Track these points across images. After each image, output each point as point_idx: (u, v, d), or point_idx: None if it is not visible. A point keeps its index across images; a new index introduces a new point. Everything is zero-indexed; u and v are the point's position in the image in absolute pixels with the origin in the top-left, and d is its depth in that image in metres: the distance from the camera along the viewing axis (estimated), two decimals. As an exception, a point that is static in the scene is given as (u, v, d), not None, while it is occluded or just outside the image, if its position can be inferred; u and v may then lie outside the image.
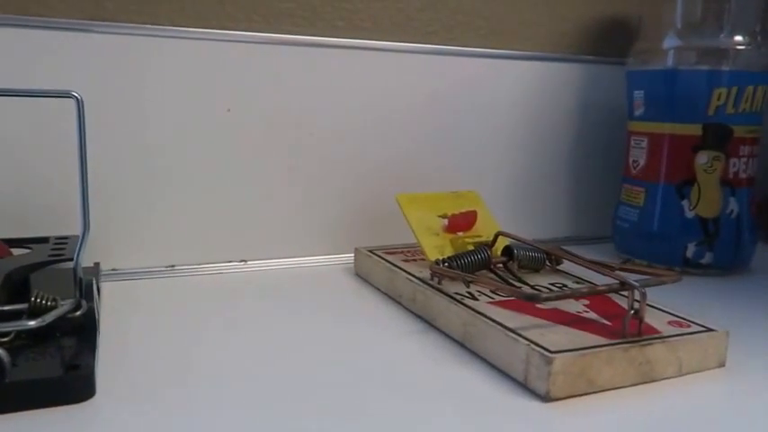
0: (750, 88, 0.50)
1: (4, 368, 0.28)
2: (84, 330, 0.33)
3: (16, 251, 0.39)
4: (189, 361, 0.33)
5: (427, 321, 0.40)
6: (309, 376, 0.32)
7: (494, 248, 0.45)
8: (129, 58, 0.46)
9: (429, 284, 0.40)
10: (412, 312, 0.41)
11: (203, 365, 0.33)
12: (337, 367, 0.33)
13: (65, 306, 0.32)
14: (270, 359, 0.34)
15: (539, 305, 0.36)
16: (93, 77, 0.45)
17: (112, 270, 0.47)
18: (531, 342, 0.31)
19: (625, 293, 0.34)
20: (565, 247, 0.45)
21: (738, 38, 0.50)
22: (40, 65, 0.44)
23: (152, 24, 0.47)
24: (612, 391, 0.31)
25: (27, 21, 0.43)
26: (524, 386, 0.31)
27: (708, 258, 0.52)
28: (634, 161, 0.56)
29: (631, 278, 0.34)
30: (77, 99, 0.33)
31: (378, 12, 0.54)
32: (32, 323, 0.30)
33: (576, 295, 0.35)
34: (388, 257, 0.47)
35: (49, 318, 0.30)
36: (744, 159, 0.52)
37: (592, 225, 0.65)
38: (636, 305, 0.33)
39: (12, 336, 0.31)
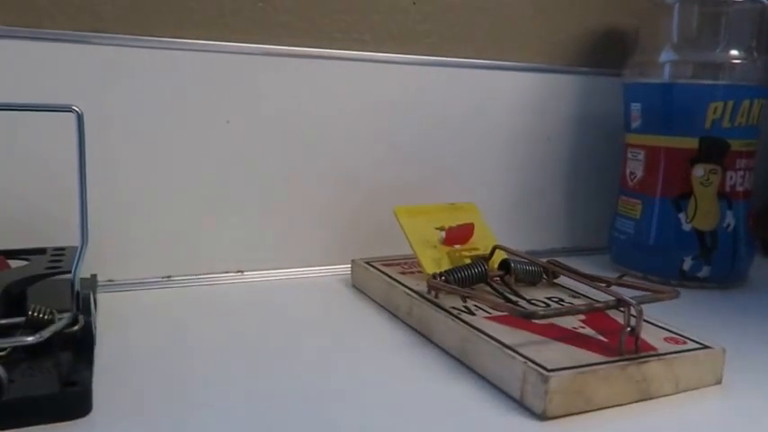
0: (746, 102, 0.51)
1: (2, 386, 0.27)
2: (80, 345, 0.33)
3: (14, 263, 0.39)
4: (186, 375, 0.33)
5: (424, 335, 0.40)
6: (304, 389, 0.32)
7: (491, 261, 0.45)
8: (128, 70, 0.46)
9: (426, 298, 0.40)
10: (408, 326, 0.41)
11: (200, 379, 0.33)
12: (332, 380, 0.33)
13: (62, 321, 0.32)
14: (266, 372, 0.34)
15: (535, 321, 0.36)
16: (90, 89, 0.45)
17: (109, 281, 0.47)
18: (528, 359, 0.31)
19: (622, 310, 0.34)
20: (561, 259, 0.45)
21: (734, 52, 0.50)
22: (37, 77, 0.44)
23: (151, 36, 0.47)
24: (609, 410, 0.31)
25: (27, 33, 0.43)
26: (520, 404, 0.31)
27: (705, 272, 0.52)
28: (631, 173, 0.56)
29: (628, 295, 0.34)
30: (78, 113, 0.33)
31: (376, 24, 0.54)
32: (31, 339, 0.30)
33: (574, 312, 0.35)
34: (386, 270, 0.47)
35: (47, 333, 0.30)
36: (740, 173, 0.52)
37: (588, 236, 0.65)
38: (633, 322, 0.33)
39: (8, 350, 0.31)
